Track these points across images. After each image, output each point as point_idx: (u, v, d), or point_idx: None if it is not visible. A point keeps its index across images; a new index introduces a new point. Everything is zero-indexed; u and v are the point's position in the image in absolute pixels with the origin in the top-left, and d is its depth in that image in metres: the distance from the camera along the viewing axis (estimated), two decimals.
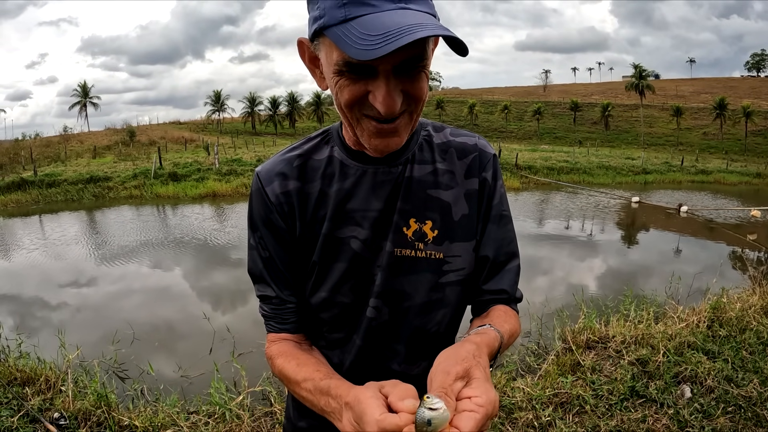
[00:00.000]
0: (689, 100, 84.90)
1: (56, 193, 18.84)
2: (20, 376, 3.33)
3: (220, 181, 19.93)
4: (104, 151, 41.45)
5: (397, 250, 0.89)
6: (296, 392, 0.87)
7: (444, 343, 0.98)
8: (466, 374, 0.66)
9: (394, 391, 0.66)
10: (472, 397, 0.64)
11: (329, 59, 0.75)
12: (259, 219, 0.92)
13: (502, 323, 0.89)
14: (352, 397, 0.68)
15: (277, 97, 77.94)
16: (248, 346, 4.66)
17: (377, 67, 0.71)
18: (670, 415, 2.87)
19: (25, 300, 6.85)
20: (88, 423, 2.79)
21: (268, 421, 3.03)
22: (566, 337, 4.06)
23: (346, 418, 0.68)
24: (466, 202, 0.92)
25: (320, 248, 0.89)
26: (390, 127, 0.78)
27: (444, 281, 0.91)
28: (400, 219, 0.89)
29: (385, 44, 0.64)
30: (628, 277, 7.46)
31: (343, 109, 0.78)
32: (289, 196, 0.90)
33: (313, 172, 0.91)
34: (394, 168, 0.90)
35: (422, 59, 0.73)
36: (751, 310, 4.34)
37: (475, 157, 0.94)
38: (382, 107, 0.73)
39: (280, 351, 0.93)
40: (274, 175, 0.91)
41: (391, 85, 0.73)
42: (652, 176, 29.42)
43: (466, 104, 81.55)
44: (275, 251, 0.92)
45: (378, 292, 0.89)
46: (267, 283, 0.94)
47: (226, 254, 9.40)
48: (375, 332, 0.91)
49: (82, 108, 73.52)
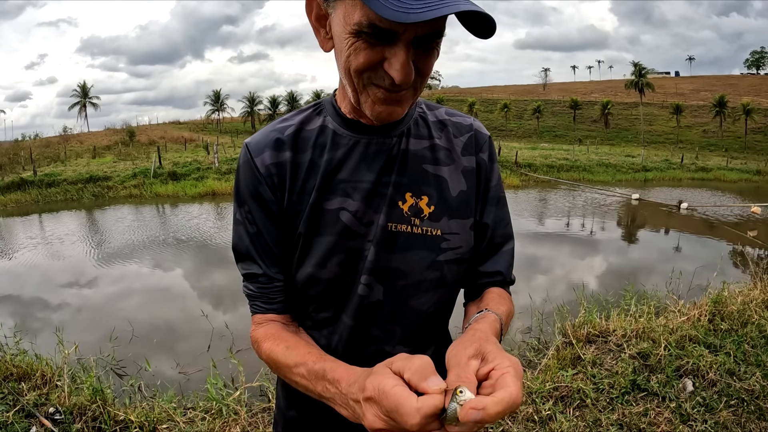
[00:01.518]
0: (689, 98, 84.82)
1: (56, 192, 18.86)
2: (16, 372, 3.31)
3: (219, 179, 19.95)
4: (104, 151, 41.40)
5: (390, 225, 0.85)
6: (288, 377, 0.83)
7: (439, 324, 0.96)
8: (478, 352, 0.64)
9: (411, 368, 0.61)
10: (495, 367, 0.61)
11: (348, 19, 0.71)
12: (247, 192, 0.87)
13: (498, 305, 0.87)
14: (374, 389, 0.62)
15: (276, 97, 78.07)
16: (246, 343, 4.63)
17: (399, 35, 0.69)
18: (672, 408, 2.85)
19: (24, 300, 6.83)
20: (84, 418, 2.76)
21: (265, 417, 3.01)
22: (566, 332, 4.03)
23: (372, 412, 0.63)
24: (464, 179, 0.91)
25: (306, 219, 0.85)
26: (396, 96, 0.77)
27: (442, 259, 0.88)
28: (396, 193, 0.86)
29: (426, 10, 0.63)
30: (629, 274, 7.44)
31: (351, 73, 0.75)
32: (279, 167, 0.86)
33: (304, 142, 0.88)
34: (389, 139, 0.87)
35: (441, 35, 0.73)
36: (753, 304, 4.31)
37: (471, 136, 0.94)
38: (399, 75, 0.71)
39: (267, 334, 0.88)
40: (264, 146, 0.87)
41: (409, 55, 0.71)
42: (652, 174, 29.44)
43: (466, 103, 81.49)
44: (263, 225, 0.87)
45: (370, 269, 0.85)
46: (254, 260, 0.89)
47: (226, 253, 9.35)
48: (367, 311, 0.87)
49: (82, 108, 73.62)
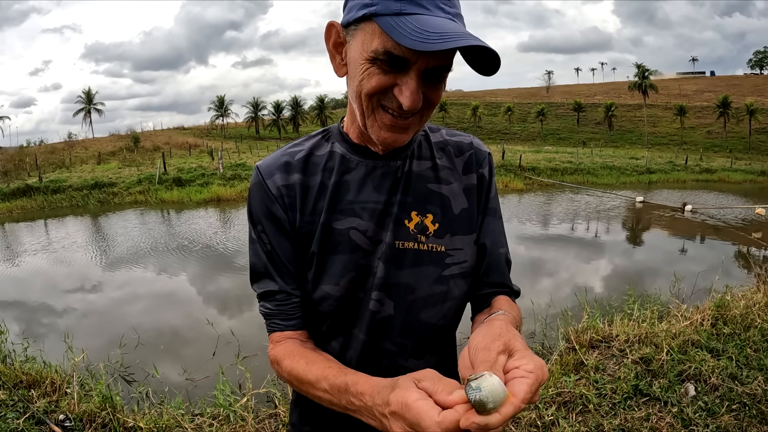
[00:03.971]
0: (692, 99, 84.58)
1: (61, 199, 18.91)
2: (26, 379, 3.36)
3: (224, 185, 19.97)
4: (109, 157, 41.59)
5: (398, 243, 0.90)
6: (311, 393, 0.85)
7: (449, 337, 1.00)
8: (506, 348, 0.65)
9: (438, 388, 0.65)
10: (520, 366, 0.63)
11: (365, 46, 0.77)
12: (260, 212, 0.91)
13: (510, 309, 0.90)
14: (397, 404, 0.66)
15: (280, 102, 78.36)
16: (253, 350, 4.68)
17: (411, 64, 0.75)
18: (674, 413, 2.87)
19: (31, 306, 6.88)
20: (93, 425, 2.81)
21: (272, 423, 3.05)
22: (570, 337, 4.05)
23: (398, 426, 0.66)
24: (466, 197, 0.96)
25: (318, 239, 0.89)
26: (403, 123, 0.81)
27: (447, 274, 0.92)
28: (401, 211, 0.91)
29: (443, 42, 0.69)
30: (633, 277, 7.43)
31: (361, 97, 0.80)
32: (290, 189, 0.90)
33: (314, 166, 0.93)
34: (394, 162, 0.93)
35: (448, 69, 0.79)
36: (756, 308, 4.31)
37: (471, 154, 0.99)
38: (408, 101, 0.76)
39: (286, 351, 0.90)
40: (274, 168, 0.92)
41: (419, 84, 0.77)
42: (657, 176, 29.31)
43: (469, 106, 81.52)
44: (277, 243, 0.91)
45: (380, 285, 0.89)
46: (271, 277, 0.92)
47: (231, 259, 9.41)
48: (379, 326, 0.91)
49: (87, 114, 73.95)
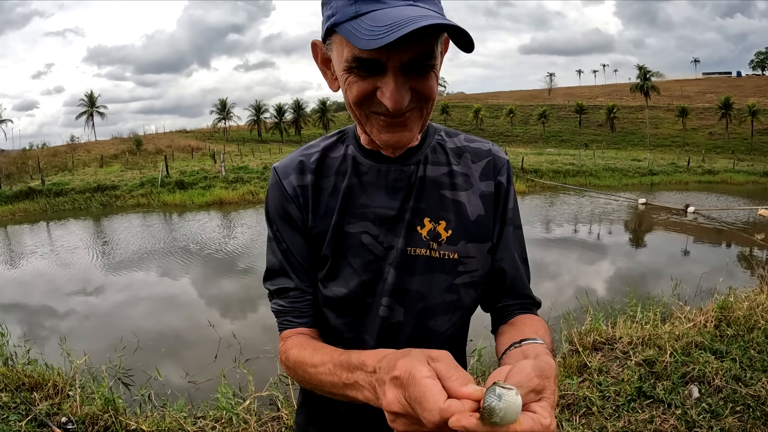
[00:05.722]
0: (694, 100, 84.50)
1: (64, 202, 18.97)
2: (28, 382, 3.37)
3: (226, 188, 20.00)
4: (111, 160, 41.77)
5: (410, 249, 0.88)
6: (314, 378, 0.81)
7: (458, 346, 0.98)
8: (540, 391, 0.61)
9: (452, 374, 0.59)
10: (537, 413, 0.59)
11: (340, 57, 0.76)
12: (275, 211, 0.92)
13: (544, 336, 0.84)
14: (404, 372, 0.60)
15: (282, 105, 78.68)
16: (254, 353, 4.66)
17: (386, 64, 0.72)
18: (678, 415, 2.86)
19: (32, 308, 6.90)
20: (96, 427, 2.81)
21: (275, 426, 3.04)
22: (573, 339, 4.04)
23: (393, 394, 0.61)
24: (482, 204, 0.93)
25: (329, 241, 0.89)
26: (399, 120, 0.78)
27: (458, 282, 0.90)
28: (414, 218, 0.89)
29: (390, 33, 0.65)
30: (636, 279, 7.42)
31: (352, 107, 0.79)
32: (305, 189, 0.91)
33: (328, 168, 0.93)
34: (407, 167, 0.91)
35: (430, 57, 0.74)
36: (759, 309, 4.29)
37: (489, 161, 0.95)
38: (390, 102, 0.73)
39: (295, 342, 0.90)
40: (291, 169, 0.92)
41: (400, 82, 0.73)
42: (659, 177, 29.23)
43: (471, 109, 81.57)
44: (292, 242, 0.92)
45: (390, 291, 0.88)
46: (286, 274, 0.92)
47: (233, 262, 9.43)
48: (389, 332, 0.90)
49: (89, 117, 74.32)
